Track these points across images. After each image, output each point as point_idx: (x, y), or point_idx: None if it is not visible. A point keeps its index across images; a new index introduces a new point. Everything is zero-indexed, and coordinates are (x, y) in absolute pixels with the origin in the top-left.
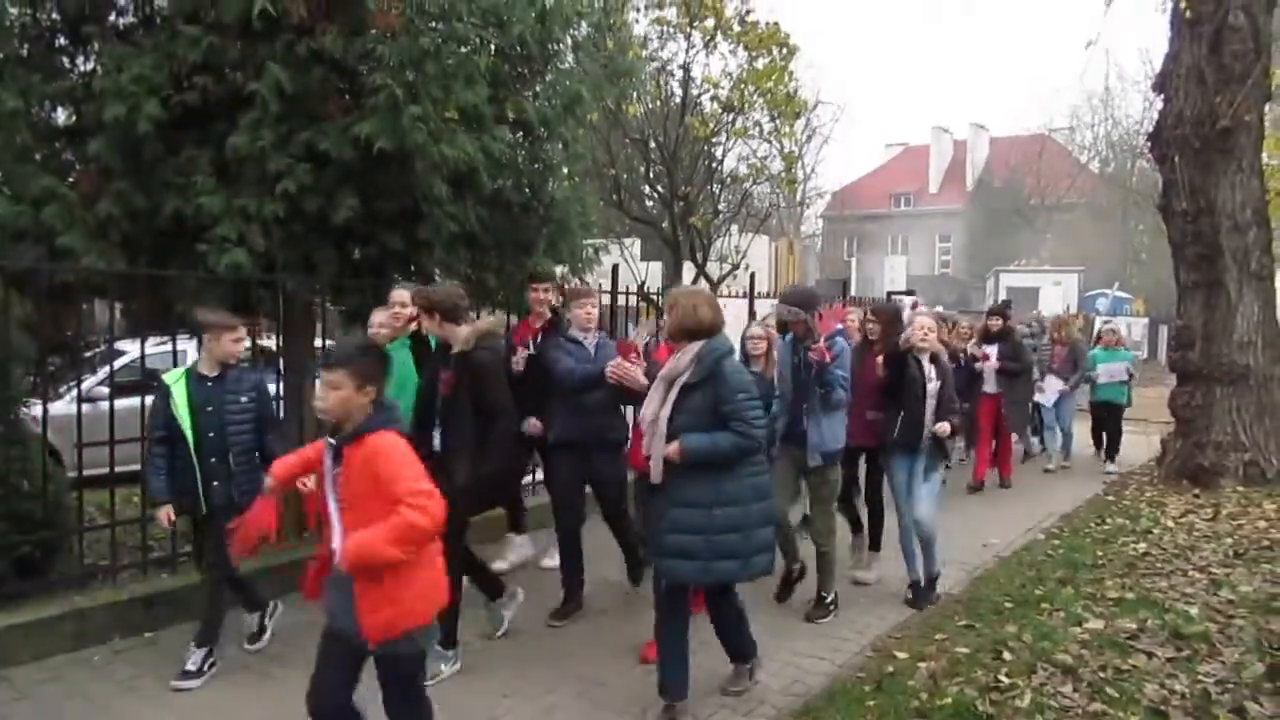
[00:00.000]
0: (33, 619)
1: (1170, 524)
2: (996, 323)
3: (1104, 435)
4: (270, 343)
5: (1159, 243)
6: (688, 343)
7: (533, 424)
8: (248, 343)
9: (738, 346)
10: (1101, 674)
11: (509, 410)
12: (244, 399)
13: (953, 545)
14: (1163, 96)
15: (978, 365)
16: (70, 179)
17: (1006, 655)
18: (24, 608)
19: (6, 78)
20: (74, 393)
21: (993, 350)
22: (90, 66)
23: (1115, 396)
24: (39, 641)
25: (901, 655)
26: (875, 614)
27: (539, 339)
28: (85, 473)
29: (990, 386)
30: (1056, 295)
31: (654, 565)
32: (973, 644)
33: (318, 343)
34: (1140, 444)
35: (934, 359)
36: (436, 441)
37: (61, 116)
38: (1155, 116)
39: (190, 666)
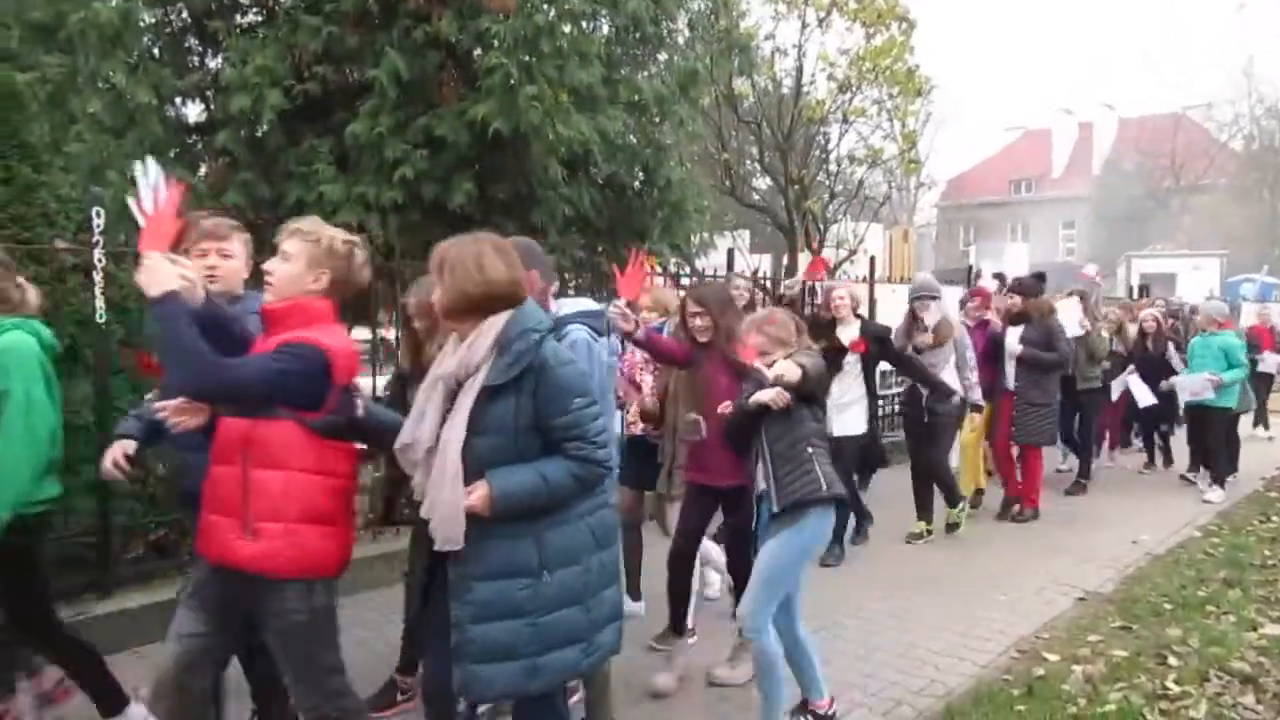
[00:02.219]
0: (167, 598)
1: None
2: (1017, 302)
3: (1200, 449)
4: (390, 333)
5: None
6: (475, 320)
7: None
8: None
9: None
10: None
11: None
12: None
13: (1099, 541)
14: None
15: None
16: (201, 171)
17: (1172, 660)
18: (159, 587)
19: (140, 74)
20: None
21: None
22: (217, 62)
23: (1209, 399)
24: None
25: (1051, 657)
26: (1018, 613)
27: None
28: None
29: (1009, 381)
30: (1197, 280)
31: (432, 678)
32: (1131, 647)
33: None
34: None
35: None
36: None
37: (193, 113)
38: None
39: None
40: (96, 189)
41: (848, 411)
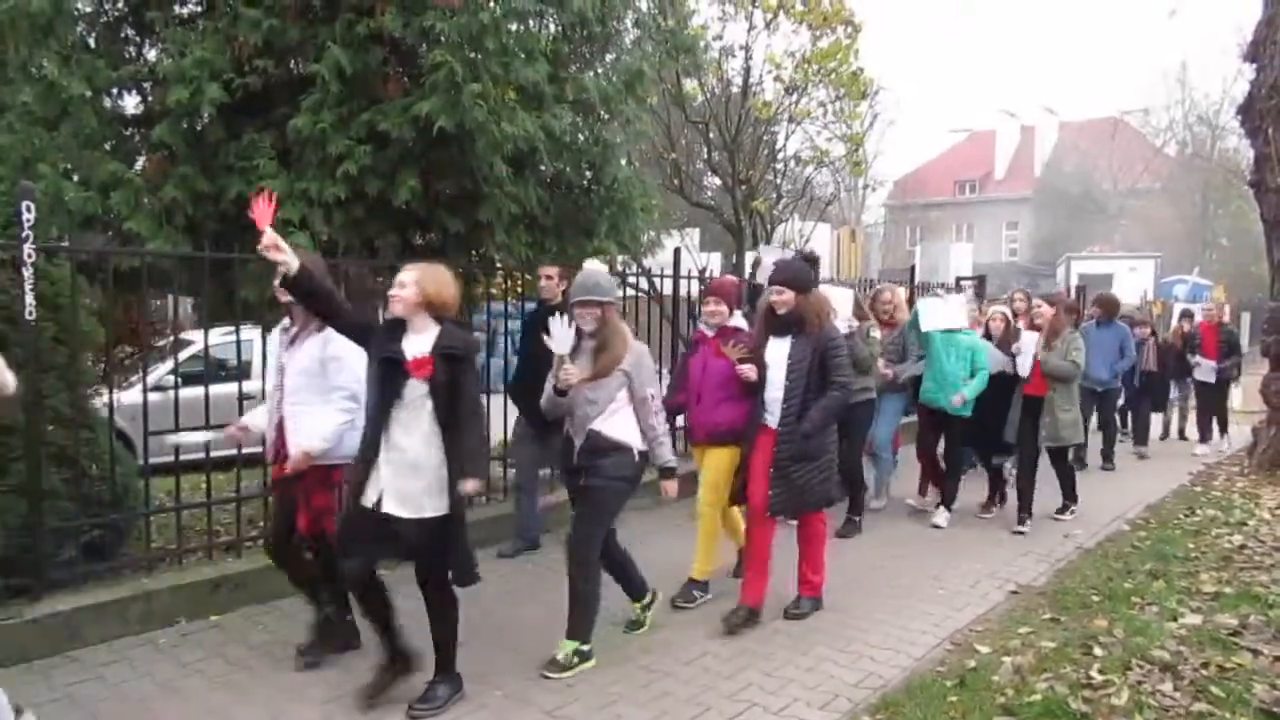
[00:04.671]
0: (101, 601)
1: (1267, 516)
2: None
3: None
4: None
5: (1240, 226)
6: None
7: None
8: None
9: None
10: (1204, 672)
11: None
12: None
13: (1032, 536)
14: (1255, 65)
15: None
16: (138, 165)
17: (1098, 651)
18: (92, 590)
19: (73, 65)
20: (144, 380)
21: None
22: (154, 53)
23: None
24: (107, 623)
25: (984, 649)
26: (953, 606)
27: None
28: (152, 460)
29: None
30: (1132, 282)
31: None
32: (1060, 639)
33: None
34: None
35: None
36: None
37: (130, 104)
38: (1245, 87)
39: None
40: (27, 182)
41: None
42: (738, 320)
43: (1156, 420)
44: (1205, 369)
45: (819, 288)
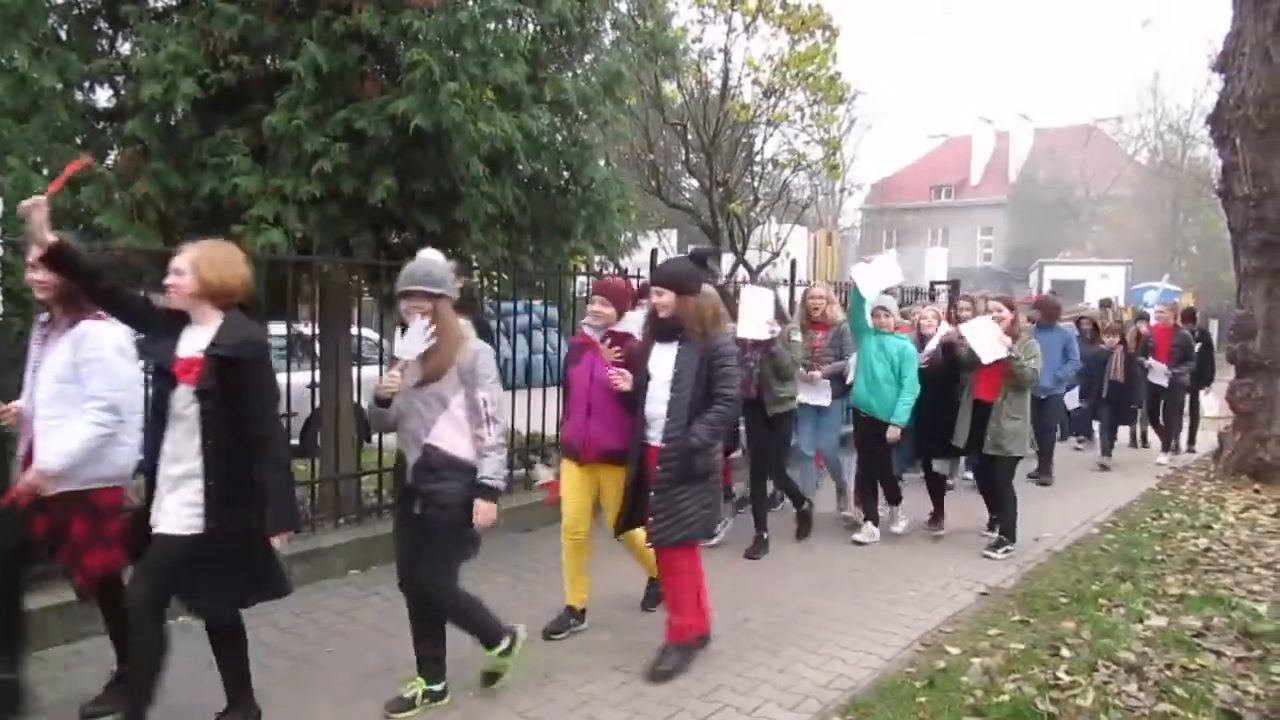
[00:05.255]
0: (65, 600)
1: (1231, 520)
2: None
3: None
4: (306, 328)
5: (1209, 234)
6: None
7: None
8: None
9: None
10: (1168, 673)
11: None
12: None
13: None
14: (1223, 76)
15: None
16: (109, 159)
17: (1065, 652)
18: (56, 590)
19: (44, 58)
20: None
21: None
22: (128, 47)
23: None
24: (71, 622)
25: (953, 651)
26: (923, 607)
27: None
28: None
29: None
30: (1104, 288)
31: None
32: (1028, 640)
33: (354, 329)
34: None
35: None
36: None
37: (103, 97)
38: (1214, 97)
39: None
40: None
41: None
42: (629, 324)
43: (1123, 431)
44: (1157, 372)
45: (708, 289)
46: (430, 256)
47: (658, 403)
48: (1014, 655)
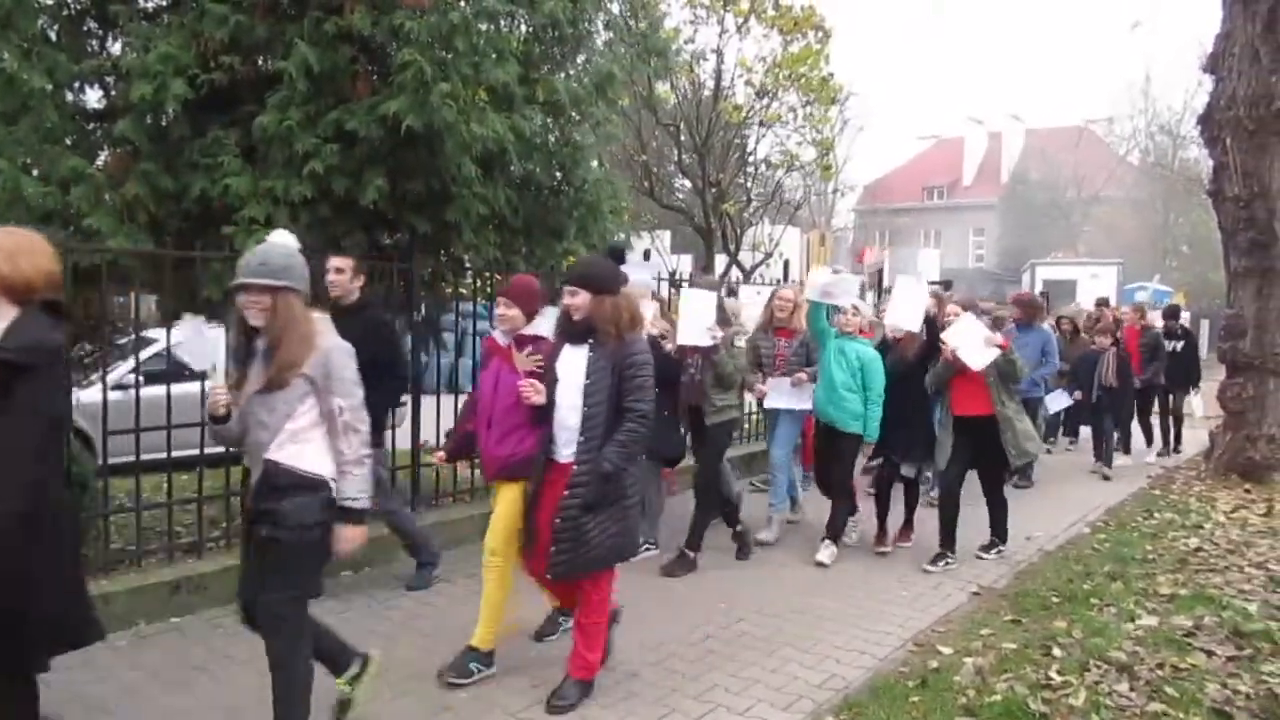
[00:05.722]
0: None
1: (1222, 519)
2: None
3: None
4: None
5: (1200, 234)
6: None
7: None
8: None
9: None
10: (1159, 672)
11: None
12: None
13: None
14: (1214, 77)
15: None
16: (99, 160)
17: (1057, 652)
18: None
19: (33, 58)
20: (103, 380)
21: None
22: (118, 47)
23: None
24: None
25: (946, 651)
26: (916, 607)
27: None
28: (112, 460)
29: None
30: (1095, 288)
31: None
32: (1020, 640)
33: None
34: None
35: None
36: None
37: (93, 98)
38: (1205, 98)
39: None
40: None
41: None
42: (541, 326)
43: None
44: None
45: (629, 287)
46: (275, 240)
47: (565, 409)
48: (1006, 655)
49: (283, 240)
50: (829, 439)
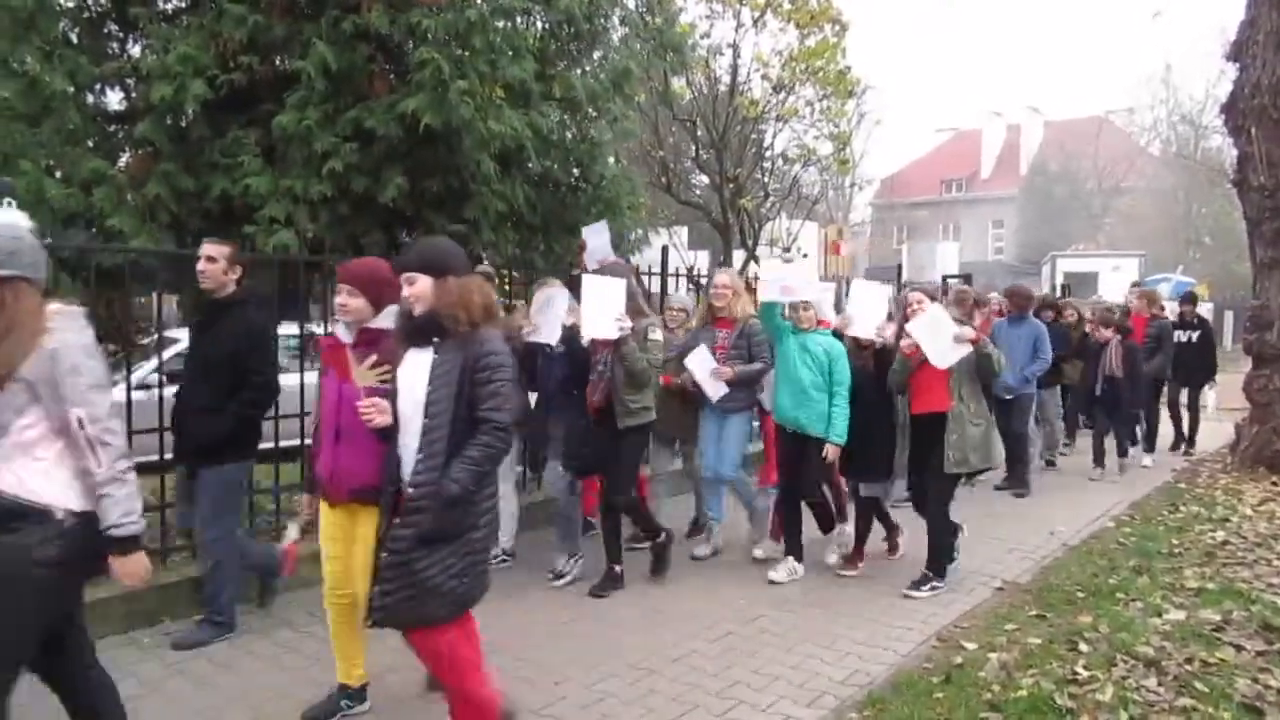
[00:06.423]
0: (86, 600)
1: (1249, 512)
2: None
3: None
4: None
5: (1224, 225)
6: None
7: None
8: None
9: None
10: (1187, 667)
11: None
12: None
13: (1018, 533)
14: (1238, 65)
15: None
16: (121, 161)
17: (1083, 646)
18: None
19: (55, 61)
20: (127, 380)
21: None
22: (138, 49)
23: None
24: (91, 622)
25: (970, 646)
26: (939, 603)
27: None
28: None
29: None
30: (1116, 280)
31: None
32: (1045, 635)
33: None
34: (1214, 431)
35: None
36: None
37: (114, 100)
38: (1228, 87)
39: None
40: (6, 179)
41: None
42: (387, 319)
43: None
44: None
45: (477, 273)
46: (1, 220)
47: (410, 433)
48: (1031, 650)
49: (10, 220)
50: (797, 445)
